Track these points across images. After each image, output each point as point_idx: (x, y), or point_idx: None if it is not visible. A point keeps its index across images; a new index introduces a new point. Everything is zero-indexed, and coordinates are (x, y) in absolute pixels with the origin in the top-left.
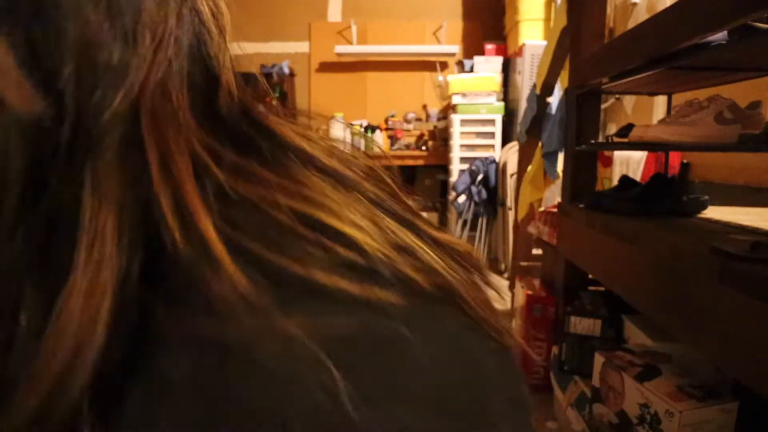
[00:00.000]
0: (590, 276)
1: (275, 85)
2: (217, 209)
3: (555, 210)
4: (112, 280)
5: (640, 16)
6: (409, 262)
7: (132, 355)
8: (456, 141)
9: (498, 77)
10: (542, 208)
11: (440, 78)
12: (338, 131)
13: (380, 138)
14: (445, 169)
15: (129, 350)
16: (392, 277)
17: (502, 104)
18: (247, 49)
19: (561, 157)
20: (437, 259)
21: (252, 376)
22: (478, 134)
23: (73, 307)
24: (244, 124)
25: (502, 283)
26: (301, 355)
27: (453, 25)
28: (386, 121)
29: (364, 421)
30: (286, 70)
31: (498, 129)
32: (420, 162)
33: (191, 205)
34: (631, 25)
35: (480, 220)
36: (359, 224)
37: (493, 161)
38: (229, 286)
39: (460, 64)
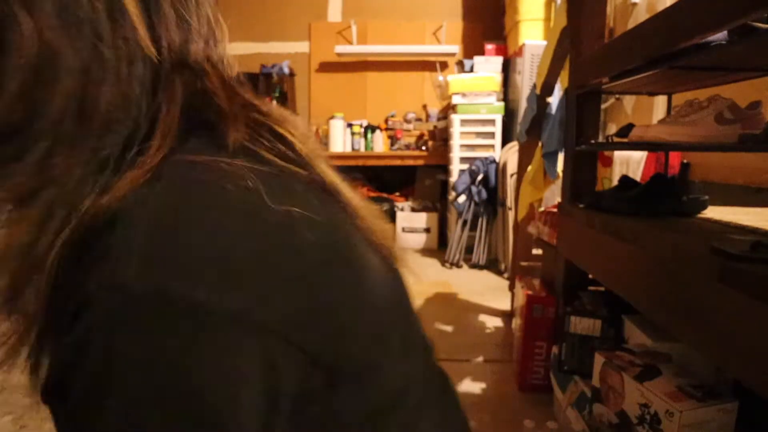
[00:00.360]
0: (590, 276)
1: (275, 85)
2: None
3: (555, 210)
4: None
5: (640, 16)
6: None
7: None
8: (456, 141)
9: (498, 77)
10: (542, 208)
11: (440, 78)
12: (338, 130)
13: (380, 138)
14: (445, 169)
15: None
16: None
17: (502, 104)
18: (247, 49)
19: (561, 157)
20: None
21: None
22: (478, 134)
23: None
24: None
25: (503, 283)
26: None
27: (453, 25)
28: (386, 121)
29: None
30: (286, 70)
31: (498, 129)
32: (420, 162)
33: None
34: (631, 25)
35: (480, 220)
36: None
37: (493, 161)
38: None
39: (460, 64)
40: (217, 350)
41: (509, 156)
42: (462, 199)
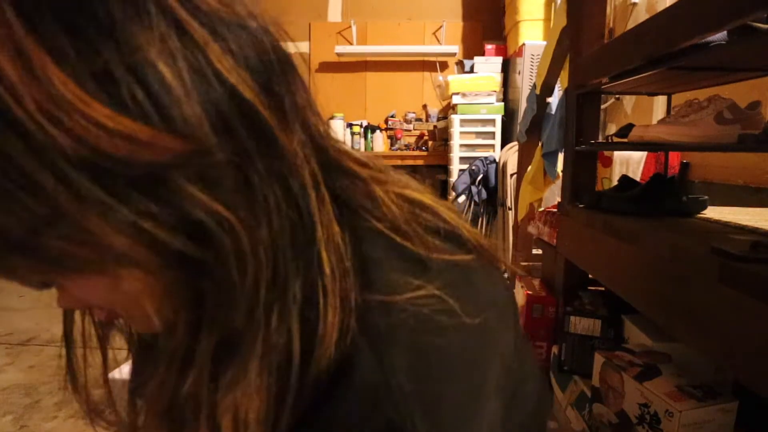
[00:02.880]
0: (590, 276)
1: None
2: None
3: (555, 210)
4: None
5: (640, 16)
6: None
7: None
8: (456, 141)
9: (498, 77)
10: (542, 208)
11: (440, 78)
12: (338, 131)
13: (380, 138)
14: (445, 169)
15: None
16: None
17: (502, 104)
18: None
19: (561, 157)
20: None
21: None
22: (478, 134)
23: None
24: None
25: None
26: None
27: (453, 25)
28: (386, 121)
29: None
30: None
31: (498, 129)
32: (420, 162)
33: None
34: (631, 25)
35: (480, 220)
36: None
37: (493, 161)
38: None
39: (460, 64)
40: None
41: (509, 156)
42: (462, 199)
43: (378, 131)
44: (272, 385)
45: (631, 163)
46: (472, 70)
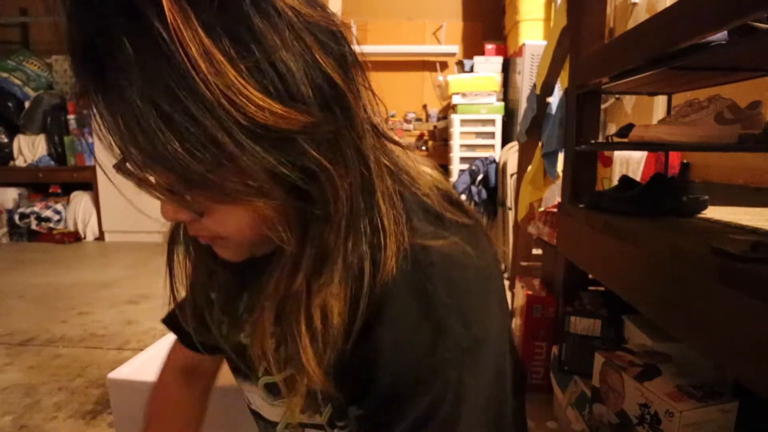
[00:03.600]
0: (590, 276)
1: None
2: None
3: (555, 210)
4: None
5: (640, 16)
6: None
7: None
8: (456, 141)
9: (498, 77)
10: (542, 208)
11: (440, 78)
12: None
13: None
14: (445, 169)
15: None
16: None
17: (502, 104)
18: None
19: (561, 157)
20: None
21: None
22: (478, 134)
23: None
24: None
25: None
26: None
27: (453, 25)
28: (386, 121)
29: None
30: None
31: (498, 129)
32: None
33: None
34: (631, 25)
35: None
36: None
37: (493, 161)
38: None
39: (460, 64)
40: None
41: (509, 156)
42: (462, 199)
43: None
44: (349, 292)
45: (631, 163)
46: (472, 70)
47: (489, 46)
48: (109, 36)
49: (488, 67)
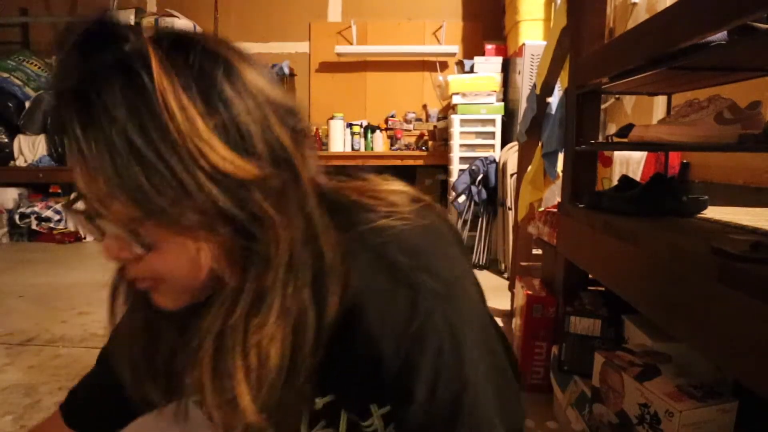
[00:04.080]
0: (590, 276)
1: None
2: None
3: (555, 210)
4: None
5: (640, 16)
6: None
7: None
8: (456, 141)
9: (498, 77)
10: (542, 208)
11: (440, 78)
12: (338, 131)
13: (380, 138)
14: (445, 169)
15: None
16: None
17: (502, 104)
18: (247, 50)
19: (561, 157)
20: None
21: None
22: (478, 134)
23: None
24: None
25: (503, 283)
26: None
27: (453, 25)
28: (386, 121)
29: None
30: (286, 70)
31: (498, 129)
32: (420, 162)
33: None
34: (631, 25)
35: (480, 220)
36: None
37: (493, 161)
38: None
39: (460, 64)
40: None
41: (509, 156)
42: (462, 199)
43: (378, 131)
44: (288, 335)
45: (631, 163)
46: (472, 70)
47: (489, 46)
48: (102, 81)
49: (488, 67)
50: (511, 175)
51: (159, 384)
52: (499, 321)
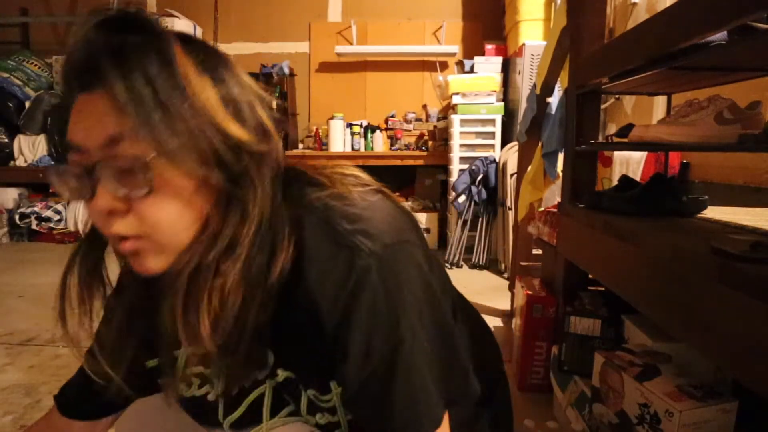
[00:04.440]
0: (590, 276)
1: (275, 85)
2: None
3: (555, 210)
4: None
5: (640, 16)
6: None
7: None
8: (456, 141)
9: (498, 77)
10: (542, 208)
11: (440, 78)
12: (338, 131)
13: (380, 138)
14: (445, 169)
15: None
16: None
17: (502, 104)
18: (247, 49)
19: (561, 157)
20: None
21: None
22: (478, 134)
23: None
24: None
25: (503, 283)
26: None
27: (453, 25)
28: (386, 121)
29: None
30: (286, 70)
31: (498, 129)
32: (420, 162)
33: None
34: (631, 25)
35: (480, 220)
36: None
37: (493, 161)
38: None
39: (460, 64)
40: None
41: (509, 156)
42: (462, 199)
43: (378, 131)
44: (244, 288)
45: (631, 163)
46: (472, 70)
47: (489, 46)
48: (138, 46)
49: (488, 67)
50: (511, 175)
51: (141, 379)
52: (499, 321)
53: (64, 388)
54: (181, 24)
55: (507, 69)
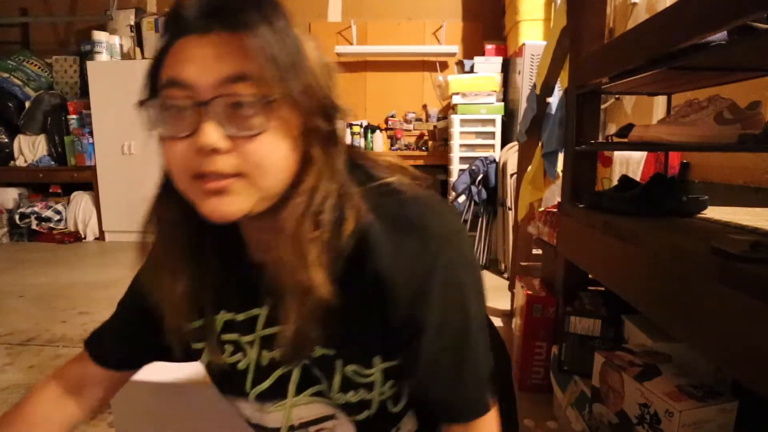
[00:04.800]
0: (590, 276)
1: None
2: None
3: (555, 210)
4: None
5: (640, 16)
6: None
7: None
8: (456, 141)
9: (498, 77)
10: (542, 208)
11: (440, 78)
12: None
13: (380, 138)
14: (445, 169)
15: None
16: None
17: (502, 104)
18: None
19: (561, 157)
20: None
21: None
22: (478, 134)
23: None
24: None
25: (503, 283)
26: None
27: (453, 25)
28: (386, 121)
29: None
30: None
31: (498, 129)
32: (420, 162)
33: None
34: (631, 25)
35: (480, 220)
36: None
37: (493, 161)
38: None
39: (460, 64)
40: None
41: (509, 156)
42: (462, 199)
43: (378, 131)
44: (325, 244)
45: (631, 163)
46: (472, 70)
47: (489, 46)
48: (273, 6)
49: (488, 67)
50: (511, 175)
51: (192, 315)
52: (499, 321)
53: (95, 334)
54: None
55: (507, 69)
